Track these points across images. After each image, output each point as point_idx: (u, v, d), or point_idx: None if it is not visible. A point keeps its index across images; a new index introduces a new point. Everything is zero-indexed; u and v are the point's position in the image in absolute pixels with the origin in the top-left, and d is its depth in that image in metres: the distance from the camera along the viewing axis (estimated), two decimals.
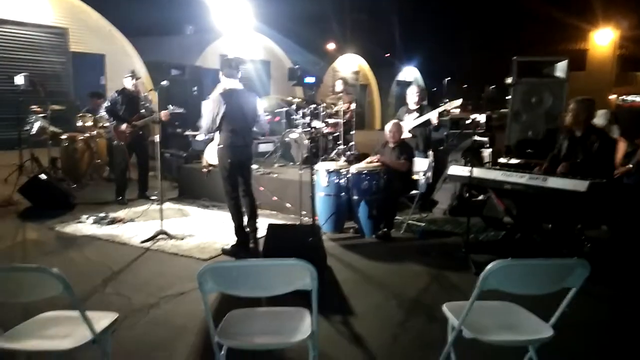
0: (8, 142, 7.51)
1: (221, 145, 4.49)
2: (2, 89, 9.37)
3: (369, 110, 24.17)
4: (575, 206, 4.05)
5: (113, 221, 5.51)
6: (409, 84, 9.05)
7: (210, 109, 4.40)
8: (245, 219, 4.66)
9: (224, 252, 4.57)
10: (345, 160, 6.90)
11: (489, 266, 1.95)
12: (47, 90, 7.44)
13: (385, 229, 5.14)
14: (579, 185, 3.74)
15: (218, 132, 4.51)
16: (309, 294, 1.99)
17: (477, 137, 8.59)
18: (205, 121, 4.46)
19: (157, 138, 5.02)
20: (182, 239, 4.95)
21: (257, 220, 4.75)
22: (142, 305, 3.43)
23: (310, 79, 8.65)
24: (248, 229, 4.67)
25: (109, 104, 6.36)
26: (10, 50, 10.10)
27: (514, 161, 6.09)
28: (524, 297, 2.15)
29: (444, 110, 6.30)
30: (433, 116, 6.10)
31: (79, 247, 4.71)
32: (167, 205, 6.12)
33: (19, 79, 6.99)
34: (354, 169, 5.25)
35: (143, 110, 6.46)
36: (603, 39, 25.09)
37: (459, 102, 6.31)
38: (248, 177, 4.71)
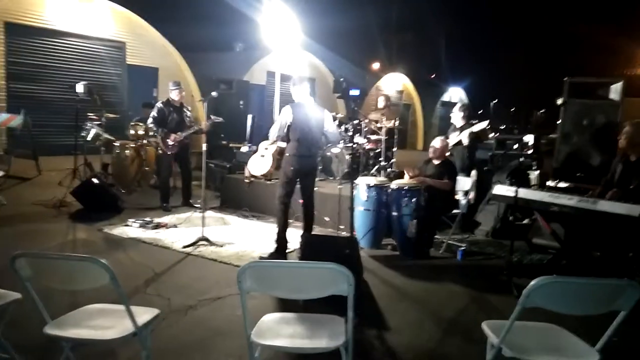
0: (64, 147, 7.95)
1: (288, 154, 4.70)
2: (63, 96, 9.93)
3: (412, 130, 23.96)
4: (627, 232, 3.86)
5: (157, 226, 5.69)
6: (453, 104, 8.96)
7: (280, 117, 4.66)
8: (300, 230, 4.81)
9: (262, 259, 4.62)
10: (386, 177, 6.87)
11: (532, 282, 1.89)
12: (104, 99, 7.82)
13: (424, 247, 5.06)
14: (632, 209, 3.57)
15: (286, 141, 4.73)
16: (343, 304, 1.98)
17: (523, 159, 8.33)
18: (274, 128, 4.69)
19: (203, 147, 5.18)
20: (222, 246, 5.05)
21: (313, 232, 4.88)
22: (181, 306, 3.51)
23: (354, 92, 8.66)
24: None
25: (156, 115, 6.48)
26: (72, 60, 10.74)
27: (562, 185, 5.86)
28: (569, 318, 2.06)
29: (472, 133, 6.18)
30: (463, 137, 6.14)
31: (125, 249, 4.89)
32: (209, 213, 6.26)
33: (79, 87, 7.35)
34: (394, 184, 5.21)
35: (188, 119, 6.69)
36: None
37: (484, 124, 6.21)
38: (310, 187, 4.83)
